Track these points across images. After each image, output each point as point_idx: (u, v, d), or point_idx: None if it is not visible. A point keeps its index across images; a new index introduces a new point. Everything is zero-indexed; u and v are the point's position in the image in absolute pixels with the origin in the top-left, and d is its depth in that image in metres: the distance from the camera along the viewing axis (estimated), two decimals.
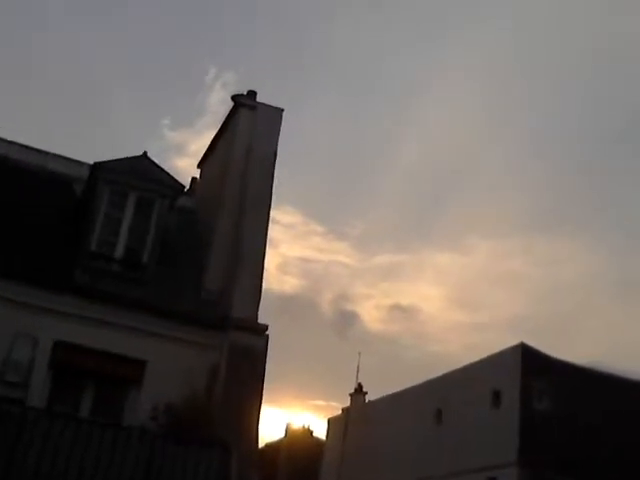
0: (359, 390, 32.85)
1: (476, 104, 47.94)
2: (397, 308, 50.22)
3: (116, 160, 14.58)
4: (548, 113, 48.32)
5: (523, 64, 50.09)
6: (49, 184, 15.85)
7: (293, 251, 53.82)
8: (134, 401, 13.06)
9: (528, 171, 47.20)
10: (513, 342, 22.45)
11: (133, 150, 15.37)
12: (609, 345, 40.93)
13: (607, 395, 21.85)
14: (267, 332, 13.80)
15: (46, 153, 16.70)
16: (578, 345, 43.48)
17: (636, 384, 22.63)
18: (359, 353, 33.45)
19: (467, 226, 53.29)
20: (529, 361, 21.80)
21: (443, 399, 24.98)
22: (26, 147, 16.55)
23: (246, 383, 13.33)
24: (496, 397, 22.33)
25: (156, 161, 15.09)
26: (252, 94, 16.24)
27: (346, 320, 49.19)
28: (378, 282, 55.62)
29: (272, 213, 15.28)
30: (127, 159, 14.75)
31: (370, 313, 50.95)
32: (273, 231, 39.14)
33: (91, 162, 15.05)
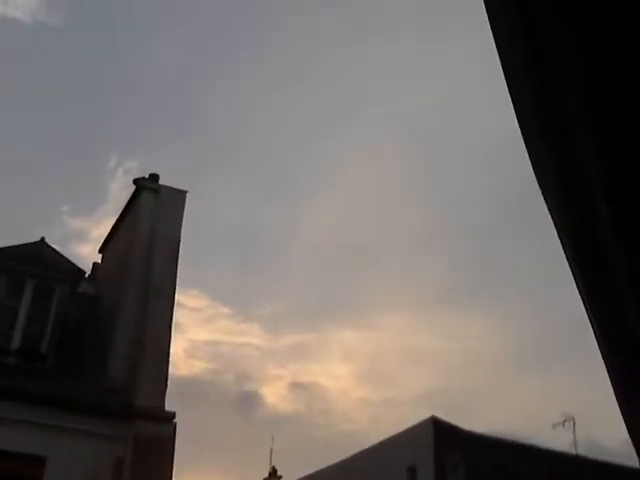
0: (273, 474, 32.10)
1: (381, 186, 48.97)
2: (301, 387, 49.81)
3: (12, 246, 14.14)
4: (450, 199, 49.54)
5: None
6: None
7: (200, 335, 52.98)
8: None
9: (433, 250, 48.39)
10: (424, 416, 22.48)
11: (32, 237, 14.97)
12: (508, 416, 41.73)
13: (519, 463, 22.03)
14: (175, 420, 13.37)
15: None
16: (483, 417, 44.05)
17: (545, 451, 22.93)
18: (272, 437, 32.80)
19: (372, 303, 53.79)
20: (441, 434, 21.82)
21: (359, 479, 24.62)
22: None
23: (154, 474, 12.80)
24: (412, 473, 22.19)
25: (56, 248, 14.74)
26: (154, 177, 16.14)
27: (250, 401, 48.39)
28: (285, 362, 55.10)
29: (178, 297, 15.05)
30: (23, 245, 14.36)
31: (274, 393, 50.32)
32: (180, 315, 38.56)
33: None
